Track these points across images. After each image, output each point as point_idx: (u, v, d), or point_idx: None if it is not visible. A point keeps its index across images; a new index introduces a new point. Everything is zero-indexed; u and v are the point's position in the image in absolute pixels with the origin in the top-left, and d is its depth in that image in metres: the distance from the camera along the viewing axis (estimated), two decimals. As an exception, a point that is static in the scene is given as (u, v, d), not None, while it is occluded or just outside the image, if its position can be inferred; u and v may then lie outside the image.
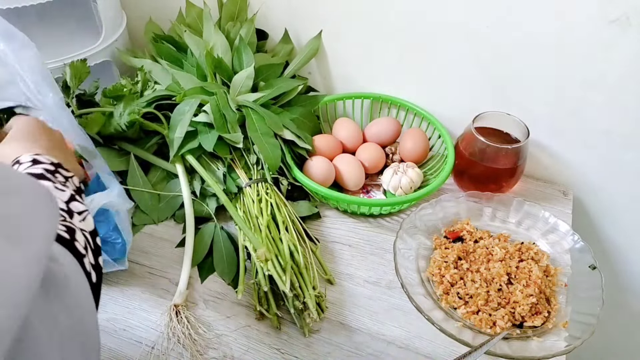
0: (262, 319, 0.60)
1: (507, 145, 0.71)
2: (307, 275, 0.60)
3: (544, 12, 0.66)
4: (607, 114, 0.71)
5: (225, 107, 0.72)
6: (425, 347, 0.58)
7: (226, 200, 0.67)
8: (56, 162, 0.45)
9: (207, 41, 0.80)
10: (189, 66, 0.80)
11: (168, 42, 0.84)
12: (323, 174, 0.73)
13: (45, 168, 0.43)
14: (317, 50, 0.84)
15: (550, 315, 0.59)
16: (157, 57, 0.82)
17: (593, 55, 0.67)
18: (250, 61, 0.77)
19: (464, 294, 0.61)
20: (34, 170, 0.43)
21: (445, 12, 0.72)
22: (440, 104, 0.82)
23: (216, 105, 0.71)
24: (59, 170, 0.45)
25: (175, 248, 0.69)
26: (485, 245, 0.66)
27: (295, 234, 0.66)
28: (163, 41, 0.84)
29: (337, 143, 0.79)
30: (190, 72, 0.79)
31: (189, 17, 0.85)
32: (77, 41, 0.82)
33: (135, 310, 0.61)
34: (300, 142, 0.74)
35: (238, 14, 0.85)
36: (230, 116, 0.71)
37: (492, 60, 0.73)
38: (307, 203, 0.74)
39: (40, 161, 0.44)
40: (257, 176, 0.71)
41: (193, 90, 0.74)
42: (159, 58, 0.82)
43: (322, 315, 0.60)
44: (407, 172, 0.75)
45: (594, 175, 0.79)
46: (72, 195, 0.42)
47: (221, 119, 0.71)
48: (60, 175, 0.44)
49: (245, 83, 0.76)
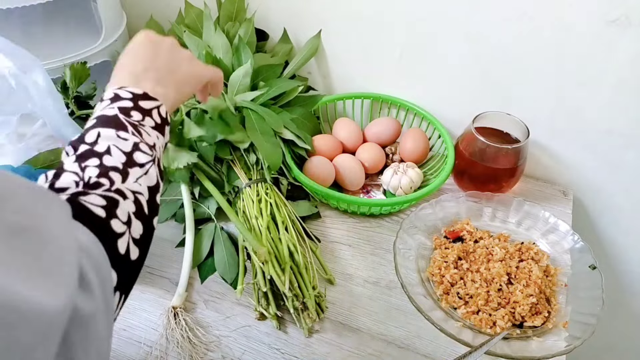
0: (263, 319, 0.60)
1: (507, 145, 0.71)
2: (306, 275, 0.60)
3: (544, 12, 0.66)
4: (607, 114, 0.71)
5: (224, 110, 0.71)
6: (425, 347, 0.58)
7: (226, 205, 0.67)
8: (139, 93, 0.43)
9: (206, 41, 0.80)
10: None
11: None
12: (323, 174, 0.73)
13: (120, 106, 0.41)
14: (316, 49, 0.84)
15: (550, 315, 0.59)
16: None
17: (593, 55, 0.67)
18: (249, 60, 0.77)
19: (464, 294, 0.61)
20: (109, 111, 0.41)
21: (446, 12, 0.72)
22: (440, 104, 0.82)
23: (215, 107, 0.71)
24: (138, 103, 0.42)
25: (175, 248, 0.69)
26: (485, 245, 0.66)
27: (295, 233, 0.66)
28: None
29: (337, 143, 0.79)
30: None
31: (188, 17, 0.85)
32: (77, 41, 0.82)
33: (135, 310, 0.61)
34: (300, 142, 0.74)
35: (237, 14, 0.84)
36: (230, 117, 0.71)
37: (492, 60, 0.73)
38: (307, 203, 0.74)
39: (120, 97, 0.42)
40: (256, 176, 0.71)
41: None
42: None
43: (323, 315, 0.60)
44: (407, 172, 0.75)
45: (594, 175, 0.79)
46: (136, 144, 0.40)
47: (221, 121, 0.71)
48: (139, 110, 0.42)
49: (242, 81, 0.75)
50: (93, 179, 0.36)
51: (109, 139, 0.39)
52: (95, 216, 0.34)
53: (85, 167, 0.37)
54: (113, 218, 0.35)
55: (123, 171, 0.38)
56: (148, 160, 0.40)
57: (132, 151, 0.39)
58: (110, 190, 0.36)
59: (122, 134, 0.40)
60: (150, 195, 0.39)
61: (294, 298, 0.58)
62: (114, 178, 0.37)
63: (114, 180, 0.37)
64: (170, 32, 0.87)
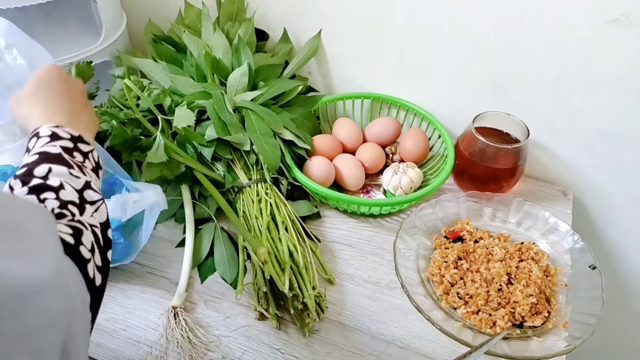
0: (263, 319, 0.60)
1: (507, 145, 0.71)
2: (306, 275, 0.60)
3: (544, 12, 0.66)
4: (607, 114, 0.71)
5: (221, 110, 0.71)
6: (425, 347, 0.58)
7: (225, 206, 0.67)
8: (76, 135, 0.45)
9: (206, 41, 0.80)
10: (188, 67, 0.80)
11: (168, 43, 0.84)
12: (323, 174, 0.73)
13: (63, 146, 0.43)
14: (316, 49, 0.84)
15: (550, 315, 0.59)
16: (157, 58, 0.82)
17: (593, 55, 0.67)
18: (249, 61, 0.77)
19: (464, 294, 0.61)
20: (52, 149, 0.42)
21: (446, 11, 0.72)
22: (440, 104, 0.82)
23: (213, 108, 0.71)
24: (77, 145, 0.44)
25: (175, 248, 0.69)
26: (485, 245, 0.66)
27: (295, 233, 0.66)
28: (162, 42, 0.84)
29: (337, 143, 0.79)
30: (190, 73, 0.79)
31: (188, 17, 0.85)
32: (77, 41, 0.82)
33: (135, 310, 0.61)
34: (299, 142, 0.74)
35: (236, 13, 0.84)
36: (228, 118, 0.71)
37: (492, 60, 0.73)
38: (307, 203, 0.74)
39: (60, 136, 0.44)
40: (256, 176, 0.71)
41: (192, 96, 0.73)
42: (159, 59, 0.82)
43: (322, 315, 0.60)
44: (407, 172, 0.75)
45: (594, 175, 0.79)
46: (87, 182, 0.42)
47: (220, 122, 0.71)
48: (79, 152, 0.44)
49: (240, 81, 0.75)
50: (57, 210, 0.38)
51: (61, 175, 0.40)
52: (66, 242, 0.35)
53: (44, 199, 0.38)
54: (81, 245, 0.36)
55: (80, 205, 0.39)
56: (99, 198, 0.42)
57: (83, 189, 0.41)
58: (74, 221, 0.38)
59: (74, 172, 0.41)
60: (102, 230, 0.41)
61: (294, 298, 0.58)
62: (73, 211, 0.38)
63: (74, 212, 0.38)
64: (170, 32, 0.87)
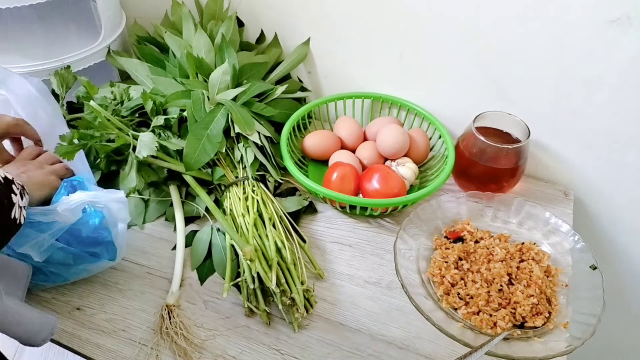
0: (252, 315, 0.60)
1: (507, 145, 0.71)
2: (294, 270, 0.61)
3: (544, 12, 0.66)
4: (608, 114, 0.71)
5: (198, 110, 0.71)
6: (425, 347, 0.58)
7: (212, 205, 0.67)
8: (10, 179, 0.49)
9: (188, 41, 0.79)
10: (171, 67, 0.80)
11: (152, 44, 0.84)
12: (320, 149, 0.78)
13: None
14: (304, 57, 0.85)
15: (551, 316, 0.59)
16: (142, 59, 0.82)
17: (594, 55, 0.67)
18: (232, 59, 0.76)
19: (465, 294, 0.61)
20: None
21: (446, 11, 0.71)
22: (440, 103, 0.82)
23: (191, 109, 0.71)
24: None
25: (172, 250, 0.69)
26: (486, 245, 0.66)
27: (283, 229, 0.66)
28: (146, 43, 0.84)
29: (335, 140, 0.80)
30: (173, 74, 0.78)
31: (175, 16, 0.85)
32: (76, 41, 0.82)
33: (134, 310, 0.61)
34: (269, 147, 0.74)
35: (219, 12, 0.84)
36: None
37: (493, 60, 0.73)
38: (296, 198, 0.74)
39: None
40: (242, 174, 0.71)
41: (174, 95, 0.72)
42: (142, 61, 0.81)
43: (311, 310, 0.60)
44: (399, 169, 0.75)
45: (595, 175, 0.78)
46: None
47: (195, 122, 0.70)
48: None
49: (222, 79, 0.74)
50: None
51: None
52: None
53: None
54: None
55: None
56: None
57: None
58: None
59: None
60: None
61: (282, 294, 0.58)
62: None
63: None
64: (154, 33, 0.87)
